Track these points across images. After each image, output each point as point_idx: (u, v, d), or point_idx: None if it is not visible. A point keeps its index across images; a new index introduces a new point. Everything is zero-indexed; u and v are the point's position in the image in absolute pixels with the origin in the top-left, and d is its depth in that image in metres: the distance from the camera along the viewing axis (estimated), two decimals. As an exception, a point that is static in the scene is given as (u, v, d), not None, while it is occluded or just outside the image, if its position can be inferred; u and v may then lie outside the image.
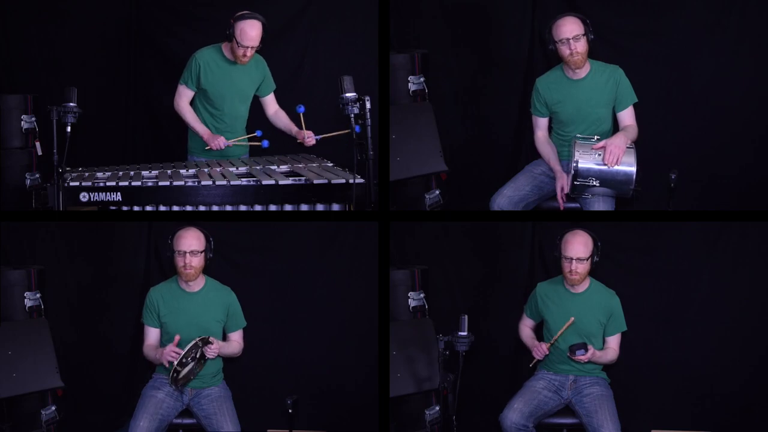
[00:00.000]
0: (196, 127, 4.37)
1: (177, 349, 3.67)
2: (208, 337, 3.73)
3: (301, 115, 4.33)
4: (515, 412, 3.77)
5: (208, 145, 4.34)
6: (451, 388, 3.66)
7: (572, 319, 3.83)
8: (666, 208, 3.89)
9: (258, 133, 4.44)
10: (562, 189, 4.03)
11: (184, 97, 4.38)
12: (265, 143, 4.40)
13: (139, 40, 5.04)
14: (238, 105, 4.42)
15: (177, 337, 3.71)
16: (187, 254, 3.80)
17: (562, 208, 4.06)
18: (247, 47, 4.20)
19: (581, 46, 3.95)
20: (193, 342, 3.67)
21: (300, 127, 4.38)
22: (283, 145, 4.59)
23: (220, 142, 4.33)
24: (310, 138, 4.35)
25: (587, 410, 3.81)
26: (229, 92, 4.36)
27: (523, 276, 4.57)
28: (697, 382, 4.42)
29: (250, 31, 4.18)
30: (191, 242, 3.82)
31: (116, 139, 5.12)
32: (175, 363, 3.63)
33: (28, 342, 4.22)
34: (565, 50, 3.96)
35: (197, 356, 3.70)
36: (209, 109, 4.37)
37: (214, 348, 3.74)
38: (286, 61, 5.02)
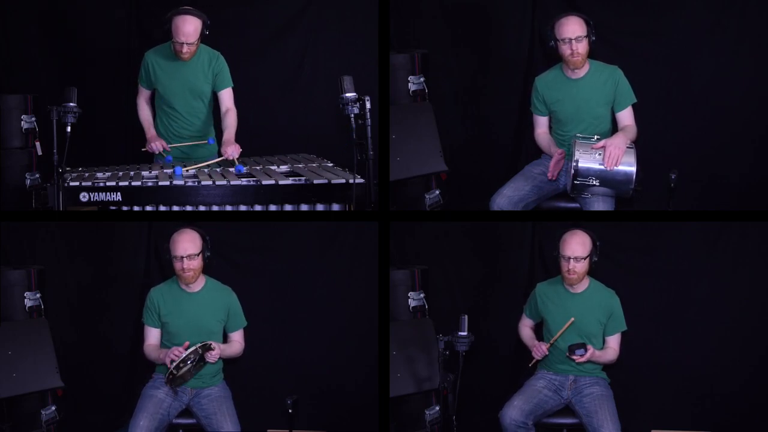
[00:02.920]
0: (143, 125, 4.43)
1: (180, 349, 3.67)
2: (210, 344, 3.72)
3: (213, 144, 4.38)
4: (515, 410, 3.78)
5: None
6: (451, 388, 3.67)
7: (572, 319, 3.83)
8: (666, 208, 3.89)
9: (210, 141, 4.41)
10: (559, 162, 3.99)
11: (140, 95, 4.45)
12: (211, 140, 4.40)
13: (139, 40, 5.04)
14: (192, 102, 4.37)
15: (186, 344, 3.69)
16: (184, 259, 3.80)
17: (550, 177, 3.99)
18: (182, 43, 4.17)
19: (582, 48, 3.95)
20: (193, 348, 3.66)
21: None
22: (282, 145, 4.59)
23: (155, 145, 4.30)
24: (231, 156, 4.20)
25: (587, 410, 3.81)
26: (179, 89, 4.34)
27: (523, 276, 4.57)
28: (697, 382, 4.42)
29: (183, 27, 4.15)
30: (186, 246, 3.81)
31: (116, 139, 5.12)
32: (176, 362, 3.62)
33: (28, 342, 4.22)
34: (566, 50, 3.96)
35: (196, 360, 3.70)
36: (164, 107, 4.37)
37: (215, 354, 3.75)
38: (286, 61, 5.02)
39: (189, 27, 4.15)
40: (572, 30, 3.94)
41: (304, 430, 4.49)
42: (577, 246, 3.82)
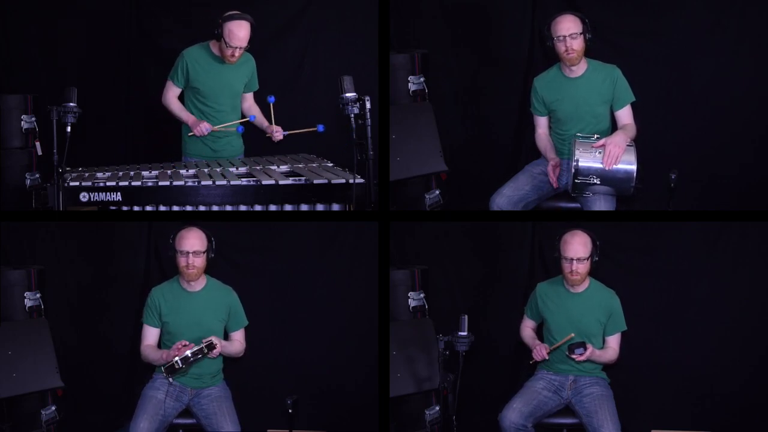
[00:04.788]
0: (181, 116, 4.37)
1: (182, 346, 3.69)
2: (213, 342, 3.73)
3: (272, 105, 4.35)
4: (514, 412, 3.77)
5: (192, 131, 4.32)
6: (451, 388, 3.66)
7: (572, 335, 3.82)
8: (666, 208, 3.89)
9: (251, 118, 4.44)
10: (555, 169, 4.04)
11: (170, 92, 4.39)
12: (252, 117, 4.42)
13: (139, 40, 5.04)
14: (229, 101, 4.41)
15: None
16: (190, 254, 3.80)
17: (555, 186, 4.03)
18: (236, 47, 4.20)
19: (577, 45, 3.96)
20: (198, 347, 3.67)
21: (270, 119, 4.38)
22: (282, 145, 4.59)
23: (203, 127, 4.30)
24: (278, 133, 4.38)
25: (587, 410, 3.81)
26: (220, 89, 4.36)
27: (523, 276, 4.57)
28: (697, 382, 4.42)
29: (238, 32, 4.17)
30: (194, 242, 3.82)
31: (116, 139, 5.12)
32: (179, 359, 3.63)
33: (28, 342, 4.22)
34: (561, 47, 3.98)
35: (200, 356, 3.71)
36: (200, 106, 4.37)
37: (217, 351, 3.75)
38: (286, 61, 5.03)
39: (244, 32, 4.18)
40: (566, 27, 3.95)
41: (304, 430, 4.49)
42: (579, 247, 3.82)
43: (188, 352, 3.66)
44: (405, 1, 4.81)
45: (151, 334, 3.91)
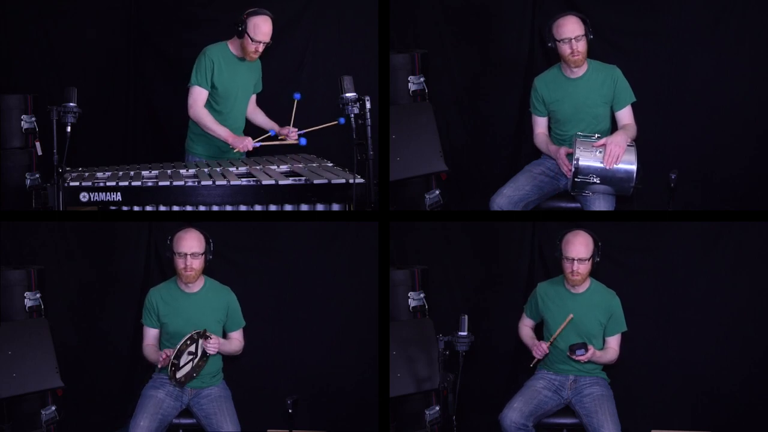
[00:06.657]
0: (217, 131, 4.25)
1: (168, 352, 3.68)
2: (205, 331, 3.71)
3: (296, 101, 4.33)
4: (515, 412, 3.77)
5: (235, 148, 4.26)
6: (451, 388, 3.67)
7: (571, 315, 3.82)
8: (666, 208, 3.89)
9: (272, 133, 4.44)
10: (565, 160, 3.98)
11: (199, 100, 4.26)
12: (303, 141, 4.37)
13: (140, 40, 5.05)
14: (242, 103, 4.42)
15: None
16: (188, 256, 3.80)
17: (568, 176, 3.93)
18: (260, 42, 4.20)
19: (582, 46, 3.96)
20: (188, 335, 3.66)
21: (287, 121, 4.37)
22: (282, 145, 4.60)
23: (247, 143, 4.24)
24: (293, 133, 4.37)
25: (587, 410, 3.81)
26: (238, 90, 4.36)
27: (523, 276, 4.57)
28: (697, 382, 4.42)
29: (264, 26, 4.19)
30: (192, 244, 3.81)
31: (116, 139, 5.12)
32: (171, 357, 3.62)
33: (28, 342, 4.22)
34: (566, 49, 3.96)
35: (197, 352, 3.69)
36: (214, 106, 4.34)
37: (214, 343, 3.73)
38: (286, 61, 5.03)
39: (268, 26, 4.20)
40: (571, 30, 3.94)
41: (304, 430, 4.49)
42: (581, 247, 3.82)
43: (177, 347, 3.63)
44: (405, 1, 4.81)
45: (150, 335, 3.90)
